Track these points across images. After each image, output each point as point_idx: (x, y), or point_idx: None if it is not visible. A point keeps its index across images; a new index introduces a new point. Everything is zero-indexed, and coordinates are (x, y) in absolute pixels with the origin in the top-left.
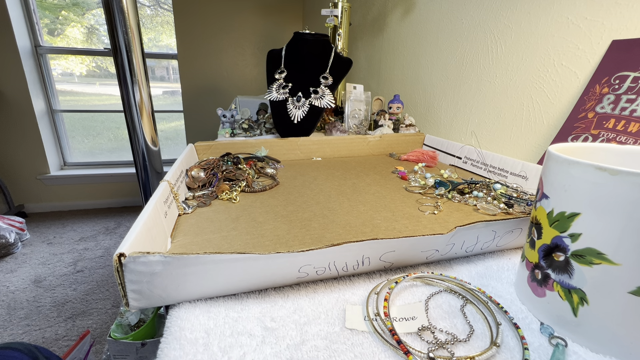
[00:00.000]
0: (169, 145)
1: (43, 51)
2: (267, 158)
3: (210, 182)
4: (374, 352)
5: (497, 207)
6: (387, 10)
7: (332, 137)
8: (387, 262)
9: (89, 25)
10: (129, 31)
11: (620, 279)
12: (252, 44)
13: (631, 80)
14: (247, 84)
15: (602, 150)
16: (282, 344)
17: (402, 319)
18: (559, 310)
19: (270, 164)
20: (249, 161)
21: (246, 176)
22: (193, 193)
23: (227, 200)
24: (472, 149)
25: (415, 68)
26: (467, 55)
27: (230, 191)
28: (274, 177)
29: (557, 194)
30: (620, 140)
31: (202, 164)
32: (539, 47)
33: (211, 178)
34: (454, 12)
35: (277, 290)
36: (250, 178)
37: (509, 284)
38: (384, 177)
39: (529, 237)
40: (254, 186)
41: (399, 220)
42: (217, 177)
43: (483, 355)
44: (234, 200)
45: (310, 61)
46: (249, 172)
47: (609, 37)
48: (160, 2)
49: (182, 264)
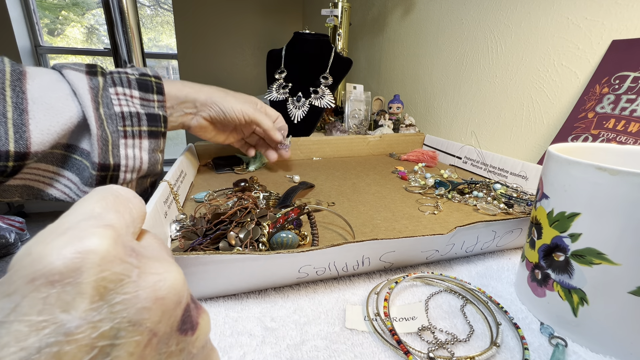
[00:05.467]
0: (168, 145)
1: (43, 51)
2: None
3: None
4: (374, 352)
5: (497, 207)
6: (387, 10)
7: (332, 137)
8: (387, 262)
9: (89, 25)
10: (129, 31)
11: (620, 279)
12: (252, 44)
13: (631, 80)
14: (247, 84)
15: (602, 150)
16: (282, 344)
17: (402, 319)
18: (559, 310)
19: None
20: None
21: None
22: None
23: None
24: (472, 149)
25: (415, 68)
26: (467, 55)
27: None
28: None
29: (557, 194)
30: (620, 140)
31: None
32: (539, 47)
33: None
34: (454, 12)
35: (277, 290)
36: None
37: (509, 284)
38: (384, 177)
39: (529, 237)
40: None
41: (399, 220)
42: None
43: (483, 355)
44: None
45: (310, 61)
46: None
47: (609, 37)
48: (160, 2)
49: (182, 264)
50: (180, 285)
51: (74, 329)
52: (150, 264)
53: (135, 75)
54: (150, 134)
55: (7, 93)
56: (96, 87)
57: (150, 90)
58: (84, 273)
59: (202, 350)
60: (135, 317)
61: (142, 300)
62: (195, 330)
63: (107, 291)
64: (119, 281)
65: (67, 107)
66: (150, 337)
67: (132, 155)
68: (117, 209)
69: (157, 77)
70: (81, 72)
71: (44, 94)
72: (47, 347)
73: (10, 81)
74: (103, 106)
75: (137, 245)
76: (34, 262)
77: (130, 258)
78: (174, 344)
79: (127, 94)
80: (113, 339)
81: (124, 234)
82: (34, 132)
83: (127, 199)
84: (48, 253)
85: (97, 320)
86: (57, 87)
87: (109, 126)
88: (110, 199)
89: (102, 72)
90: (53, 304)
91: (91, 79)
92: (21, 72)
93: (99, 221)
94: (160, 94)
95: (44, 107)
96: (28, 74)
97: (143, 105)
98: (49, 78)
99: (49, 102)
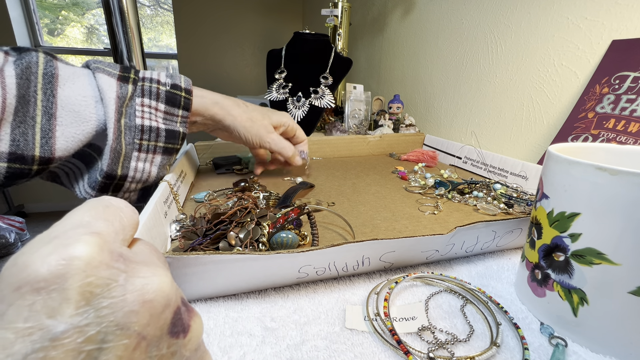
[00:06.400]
0: None
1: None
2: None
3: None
4: (374, 352)
5: (497, 207)
6: (387, 10)
7: (332, 137)
8: (387, 262)
9: (89, 25)
10: (129, 31)
11: (620, 279)
12: (252, 44)
13: (631, 80)
14: (247, 84)
15: (602, 150)
16: (282, 344)
17: (402, 319)
18: (559, 310)
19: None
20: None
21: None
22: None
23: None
24: (472, 149)
25: (415, 68)
26: (467, 55)
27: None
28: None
29: (557, 194)
30: (620, 140)
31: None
32: (539, 47)
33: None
34: (454, 12)
35: (277, 290)
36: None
37: (509, 284)
38: (384, 177)
39: (529, 237)
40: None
41: (399, 220)
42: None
43: (483, 355)
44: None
45: (310, 61)
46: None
47: (609, 37)
48: (160, 2)
49: (182, 264)
50: (167, 288)
51: (60, 334)
52: (138, 268)
53: (167, 87)
54: (165, 150)
55: (39, 96)
56: (123, 97)
57: (177, 105)
58: (69, 279)
59: (195, 353)
60: (123, 320)
61: (129, 303)
62: (187, 333)
63: (94, 296)
64: (105, 286)
65: (94, 115)
66: (139, 340)
67: (142, 169)
68: (106, 218)
69: (188, 90)
70: (113, 76)
71: (73, 100)
72: (34, 353)
73: (42, 84)
74: (125, 116)
75: (126, 251)
76: (19, 271)
77: (117, 263)
78: (165, 346)
79: (152, 106)
80: (100, 342)
81: (111, 241)
82: (59, 138)
83: (118, 208)
84: (33, 261)
85: (83, 325)
86: (86, 92)
87: (125, 137)
88: (100, 209)
89: (134, 80)
90: (39, 311)
91: (121, 87)
92: (53, 74)
93: (86, 229)
94: (186, 109)
95: (71, 114)
96: (60, 77)
97: (166, 119)
98: (80, 83)
99: (77, 109)
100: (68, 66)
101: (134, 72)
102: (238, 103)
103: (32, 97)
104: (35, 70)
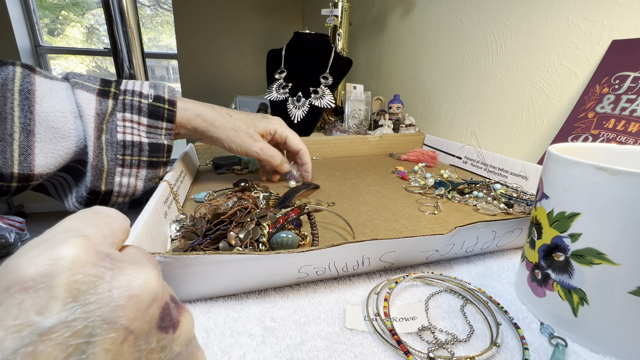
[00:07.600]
0: None
1: (43, 51)
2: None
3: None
4: (374, 352)
5: (497, 207)
6: (387, 10)
7: (332, 137)
8: (387, 262)
9: (89, 25)
10: (129, 31)
11: (620, 279)
12: (252, 44)
13: (631, 80)
14: (247, 84)
15: (602, 150)
16: (282, 344)
17: (402, 319)
18: (559, 310)
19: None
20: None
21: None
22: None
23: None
24: (472, 149)
25: (415, 68)
26: (467, 55)
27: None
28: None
29: (557, 194)
30: (620, 140)
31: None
32: (539, 47)
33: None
34: (454, 12)
35: (277, 290)
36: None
37: (509, 284)
38: (384, 177)
39: (529, 237)
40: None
41: (399, 220)
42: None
43: (483, 355)
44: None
45: (310, 61)
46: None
47: (609, 37)
48: (160, 2)
49: (182, 264)
50: (153, 284)
51: (48, 329)
52: (125, 266)
53: (149, 100)
54: (149, 164)
55: (16, 113)
56: (103, 113)
57: (160, 118)
58: (56, 277)
59: (186, 348)
60: (109, 315)
61: (115, 299)
62: (176, 329)
63: (80, 292)
64: (91, 283)
65: (73, 131)
66: (127, 334)
67: (127, 183)
68: (94, 224)
69: (172, 102)
70: (93, 92)
71: (51, 116)
72: (23, 348)
73: (19, 100)
74: (106, 132)
75: (114, 252)
76: (9, 272)
77: (104, 262)
78: (155, 341)
79: (134, 120)
80: (88, 336)
81: (99, 243)
82: (38, 155)
83: (107, 215)
84: (22, 263)
85: (71, 320)
86: (65, 108)
87: (107, 154)
88: (89, 216)
89: (114, 94)
90: (28, 309)
91: (101, 103)
92: (30, 90)
93: (74, 232)
94: (170, 121)
95: (50, 130)
96: (37, 93)
97: (149, 133)
98: (59, 99)
99: (55, 125)
100: (46, 80)
101: (114, 86)
102: (222, 113)
103: (8, 114)
104: (12, 87)
